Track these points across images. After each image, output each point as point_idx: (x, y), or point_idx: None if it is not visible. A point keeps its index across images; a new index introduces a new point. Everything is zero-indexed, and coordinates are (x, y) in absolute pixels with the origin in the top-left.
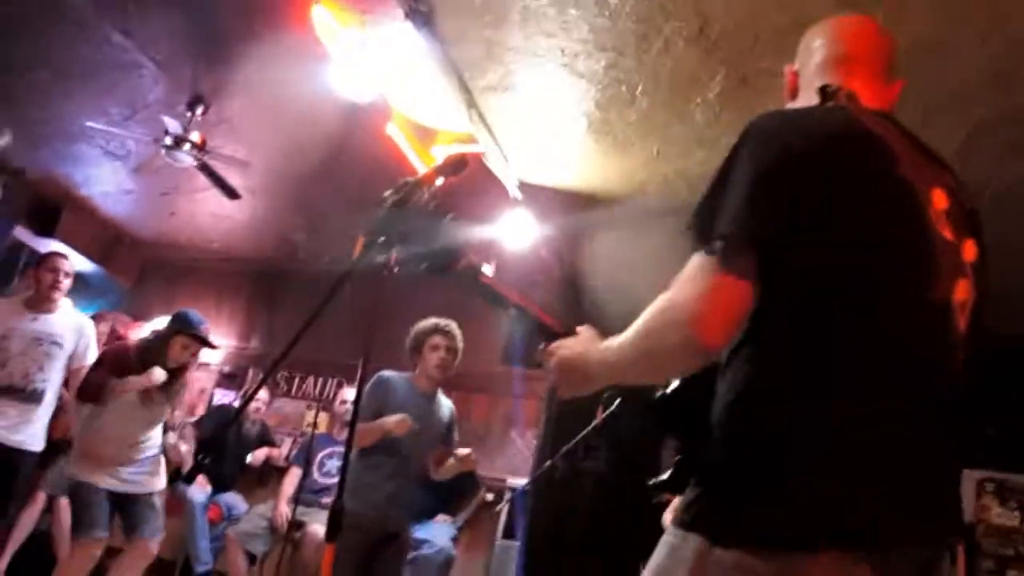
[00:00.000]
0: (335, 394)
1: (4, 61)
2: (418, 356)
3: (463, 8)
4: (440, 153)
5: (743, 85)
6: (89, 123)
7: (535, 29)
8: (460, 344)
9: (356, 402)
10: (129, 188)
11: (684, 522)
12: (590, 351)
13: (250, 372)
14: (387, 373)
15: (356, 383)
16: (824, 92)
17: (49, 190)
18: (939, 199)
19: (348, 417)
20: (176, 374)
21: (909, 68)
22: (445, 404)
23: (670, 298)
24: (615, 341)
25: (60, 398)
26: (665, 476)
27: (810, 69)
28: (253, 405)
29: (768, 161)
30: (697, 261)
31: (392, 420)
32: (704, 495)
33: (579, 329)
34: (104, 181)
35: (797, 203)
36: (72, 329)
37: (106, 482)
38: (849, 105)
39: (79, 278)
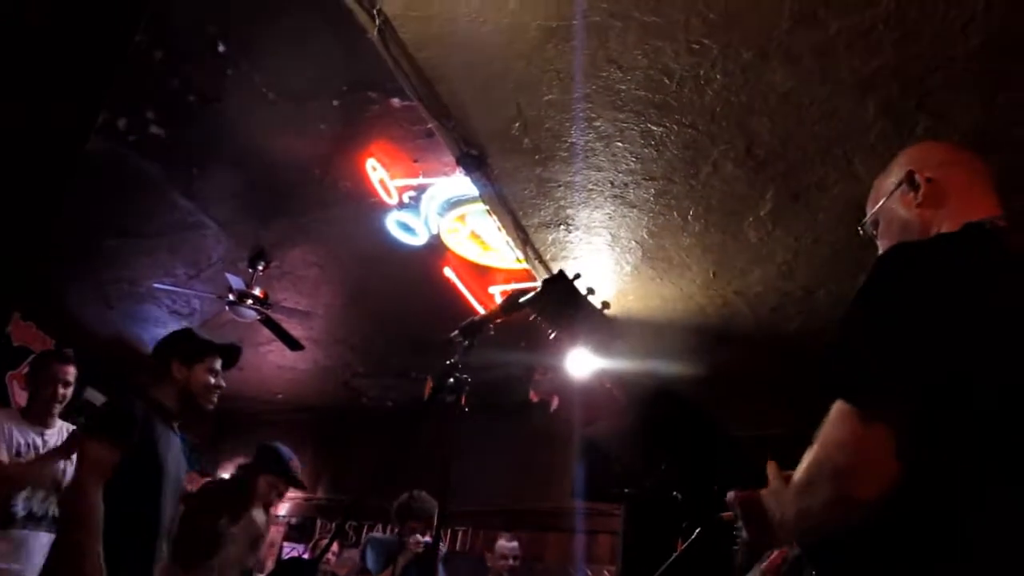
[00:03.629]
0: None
1: (79, 226)
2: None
3: (512, 149)
4: (498, 291)
5: (794, 200)
6: (156, 284)
7: (583, 164)
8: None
9: (435, 545)
10: None
11: None
12: (766, 500)
13: (318, 523)
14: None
15: (434, 528)
16: (979, 229)
17: (119, 351)
18: None
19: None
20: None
21: None
22: None
23: (816, 452)
24: (784, 494)
25: None
26: None
27: (954, 184)
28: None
29: (913, 302)
30: (838, 410)
31: None
32: None
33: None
34: None
35: (946, 350)
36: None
37: None
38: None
39: None
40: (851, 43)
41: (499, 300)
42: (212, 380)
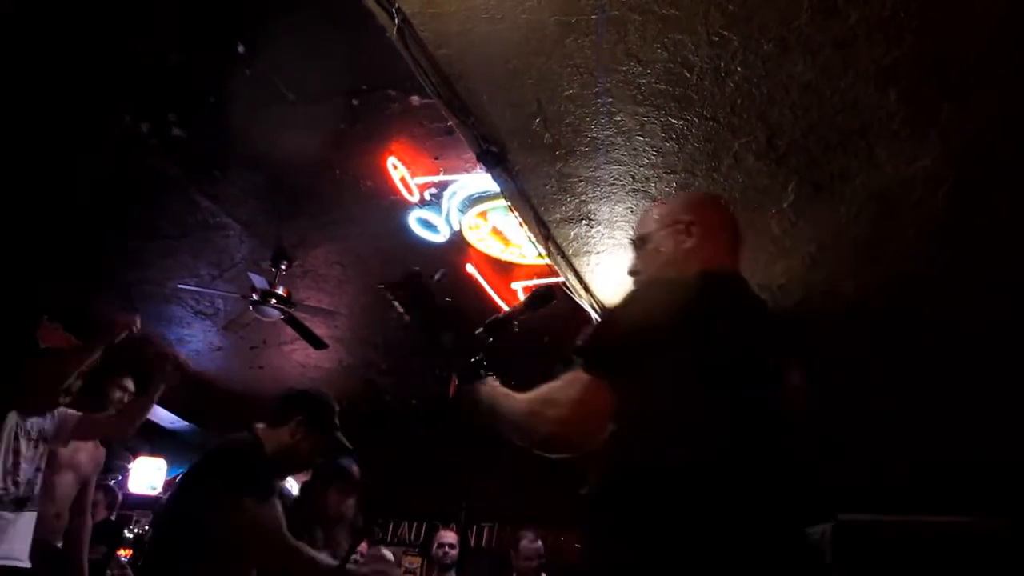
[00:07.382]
0: (432, 537)
1: (103, 228)
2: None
3: (533, 145)
4: (520, 287)
5: (817, 191)
6: (180, 284)
7: (604, 159)
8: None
9: (462, 547)
10: (219, 345)
11: None
12: (496, 393)
13: None
14: None
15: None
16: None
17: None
18: None
19: (447, 561)
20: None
21: None
22: None
23: (555, 399)
24: (521, 396)
25: None
26: None
27: (709, 235)
28: (352, 556)
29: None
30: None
31: None
32: None
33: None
34: (195, 340)
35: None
36: None
37: None
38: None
39: (173, 435)
40: (871, 33)
41: (522, 296)
42: (313, 456)
